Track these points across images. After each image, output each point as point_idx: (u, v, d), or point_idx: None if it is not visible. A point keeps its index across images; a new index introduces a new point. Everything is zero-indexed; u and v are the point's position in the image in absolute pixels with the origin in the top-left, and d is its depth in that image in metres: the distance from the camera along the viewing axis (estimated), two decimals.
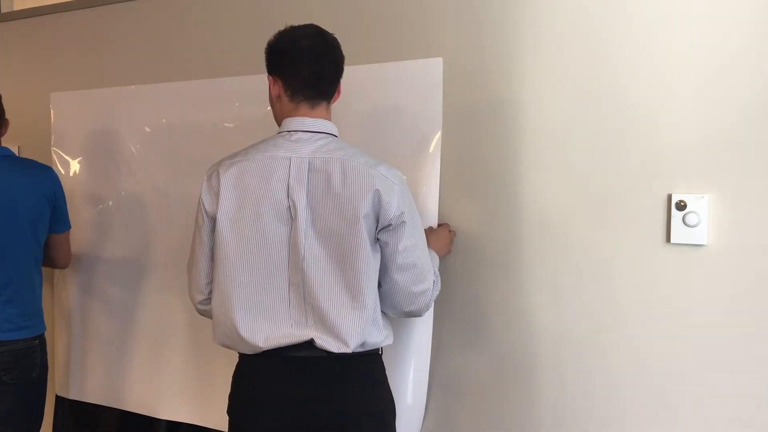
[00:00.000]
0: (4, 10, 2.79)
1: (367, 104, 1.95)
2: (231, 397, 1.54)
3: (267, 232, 1.44)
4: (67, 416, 2.52)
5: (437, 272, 1.59)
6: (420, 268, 1.50)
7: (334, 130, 1.52)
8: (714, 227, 1.56)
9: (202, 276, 1.56)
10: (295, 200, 1.43)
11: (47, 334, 2.15)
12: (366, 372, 1.49)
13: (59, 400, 2.52)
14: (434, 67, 1.85)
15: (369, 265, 1.43)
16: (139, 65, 2.38)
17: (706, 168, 1.57)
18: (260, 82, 2.09)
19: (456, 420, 1.85)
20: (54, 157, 2.51)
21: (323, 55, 1.51)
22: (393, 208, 1.43)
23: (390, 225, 1.44)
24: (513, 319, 1.77)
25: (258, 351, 1.46)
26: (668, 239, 1.60)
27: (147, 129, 2.33)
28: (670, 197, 1.60)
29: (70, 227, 2.21)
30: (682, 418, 1.59)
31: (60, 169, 2.48)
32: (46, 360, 2.12)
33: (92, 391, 2.43)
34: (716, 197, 1.56)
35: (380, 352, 1.55)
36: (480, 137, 1.82)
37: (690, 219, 1.56)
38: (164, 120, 2.30)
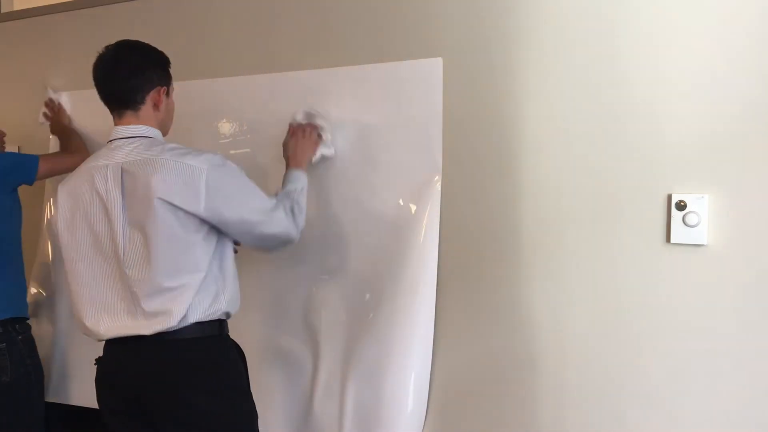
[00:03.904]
0: (4, 10, 2.78)
1: (366, 104, 1.94)
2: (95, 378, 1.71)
3: (97, 232, 1.61)
4: (53, 421, 2.50)
5: (299, 200, 1.76)
6: (269, 232, 1.66)
7: (148, 132, 1.66)
8: (714, 227, 1.56)
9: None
10: (113, 201, 1.58)
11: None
12: (195, 353, 1.59)
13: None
14: (434, 67, 1.84)
15: (180, 250, 1.55)
16: None
17: (706, 168, 1.56)
18: (260, 82, 2.10)
19: (457, 422, 1.84)
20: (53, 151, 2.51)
21: (116, 71, 1.65)
22: (202, 197, 1.53)
23: (214, 220, 1.57)
24: (513, 320, 1.77)
25: (102, 339, 1.65)
26: (668, 239, 1.60)
27: None
28: (670, 197, 1.60)
29: (36, 161, 2.18)
30: (682, 417, 1.59)
31: None
32: (26, 364, 2.09)
33: (77, 394, 2.41)
34: (716, 197, 1.56)
35: (221, 333, 1.65)
36: (480, 137, 1.81)
37: (690, 219, 1.56)
38: None
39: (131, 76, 1.65)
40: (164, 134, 1.73)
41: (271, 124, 2.09)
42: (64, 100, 2.49)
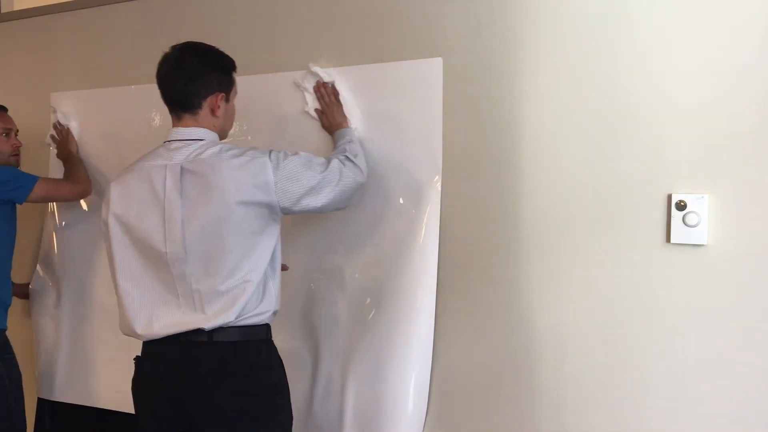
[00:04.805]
0: (4, 10, 2.79)
1: (366, 104, 1.95)
2: (133, 377, 1.70)
3: (150, 230, 1.60)
4: (47, 419, 2.50)
5: (350, 148, 1.81)
6: (339, 197, 1.71)
7: (205, 135, 1.65)
8: (714, 227, 1.56)
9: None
10: (170, 200, 1.58)
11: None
12: (246, 357, 1.61)
13: (41, 402, 2.49)
14: (434, 67, 1.85)
15: (245, 247, 1.58)
16: (139, 65, 2.38)
17: (706, 168, 1.56)
18: (261, 82, 2.10)
19: (456, 422, 1.84)
20: (53, 157, 2.51)
21: (176, 74, 1.65)
22: (272, 185, 1.58)
23: (287, 202, 1.61)
24: (513, 320, 1.77)
25: (153, 338, 1.62)
26: (668, 239, 1.60)
27: (147, 129, 2.33)
28: (670, 197, 1.60)
29: (32, 182, 2.17)
30: (682, 417, 1.59)
31: (60, 169, 2.47)
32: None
33: (77, 392, 2.40)
34: (716, 197, 1.56)
35: (267, 337, 1.67)
36: (480, 137, 1.82)
37: (690, 219, 1.56)
38: (164, 120, 2.30)
39: (189, 81, 1.64)
40: (223, 138, 1.73)
41: (271, 124, 2.09)
42: (73, 126, 2.47)
